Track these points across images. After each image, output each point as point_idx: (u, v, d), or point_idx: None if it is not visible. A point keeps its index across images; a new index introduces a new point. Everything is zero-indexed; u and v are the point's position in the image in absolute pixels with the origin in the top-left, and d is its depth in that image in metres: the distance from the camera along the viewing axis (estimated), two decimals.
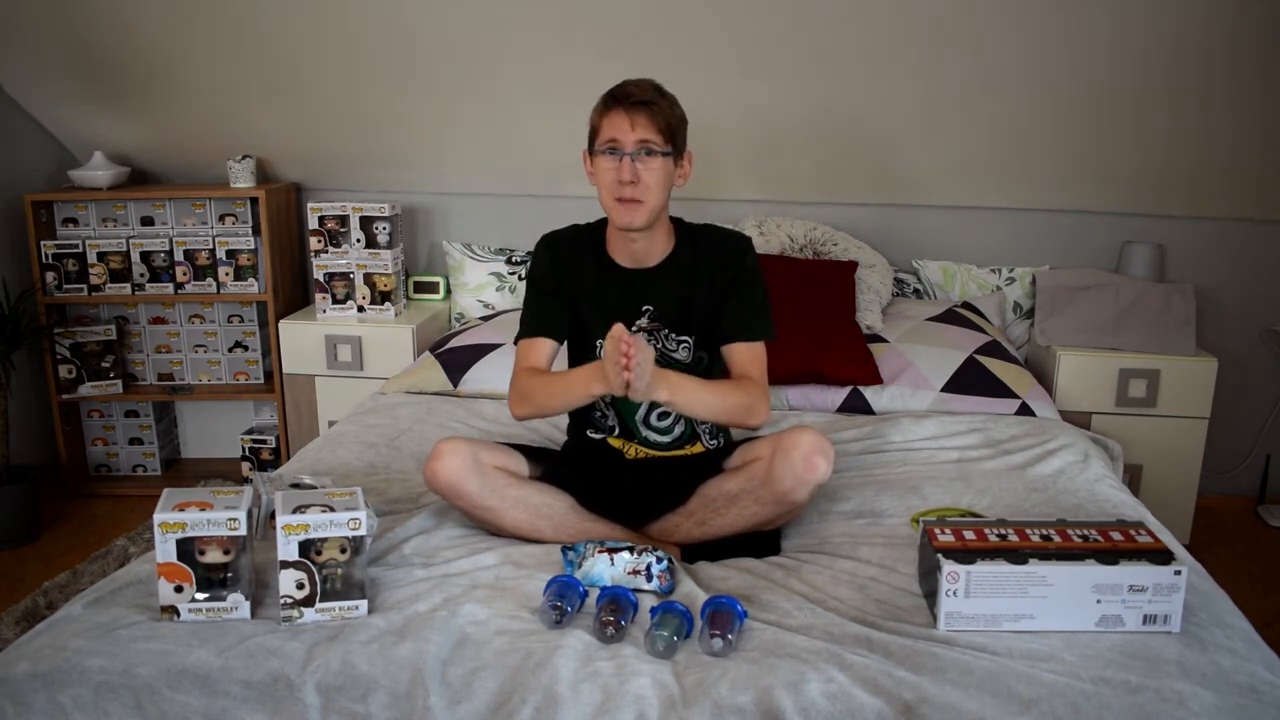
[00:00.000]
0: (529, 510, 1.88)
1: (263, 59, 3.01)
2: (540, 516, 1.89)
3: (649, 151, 1.83)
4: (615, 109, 1.84)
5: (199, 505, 1.56)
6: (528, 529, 1.89)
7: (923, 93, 2.89)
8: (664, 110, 1.84)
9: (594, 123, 1.89)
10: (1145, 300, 3.01)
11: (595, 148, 1.89)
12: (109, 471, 3.54)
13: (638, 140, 1.82)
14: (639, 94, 1.83)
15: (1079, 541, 1.59)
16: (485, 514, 1.88)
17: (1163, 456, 2.94)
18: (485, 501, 1.85)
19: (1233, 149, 2.94)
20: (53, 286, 3.24)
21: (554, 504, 1.91)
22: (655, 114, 1.82)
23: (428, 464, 1.83)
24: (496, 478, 1.87)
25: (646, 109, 1.82)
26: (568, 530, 1.90)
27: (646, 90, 1.84)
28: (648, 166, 1.83)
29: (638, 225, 1.88)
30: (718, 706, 1.38)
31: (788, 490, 1.78)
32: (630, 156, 1.83)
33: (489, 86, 3.03)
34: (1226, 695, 1.39)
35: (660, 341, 1.97)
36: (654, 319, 1.97)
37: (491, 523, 1.89)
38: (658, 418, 2.02)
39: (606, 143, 1.85)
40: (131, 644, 1.50)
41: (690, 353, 1.98)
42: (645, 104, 1.82)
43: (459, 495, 1.84)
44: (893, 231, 3.31)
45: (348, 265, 3.20)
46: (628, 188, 1.83)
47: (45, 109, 3.32)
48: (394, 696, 1.42)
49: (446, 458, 1.82)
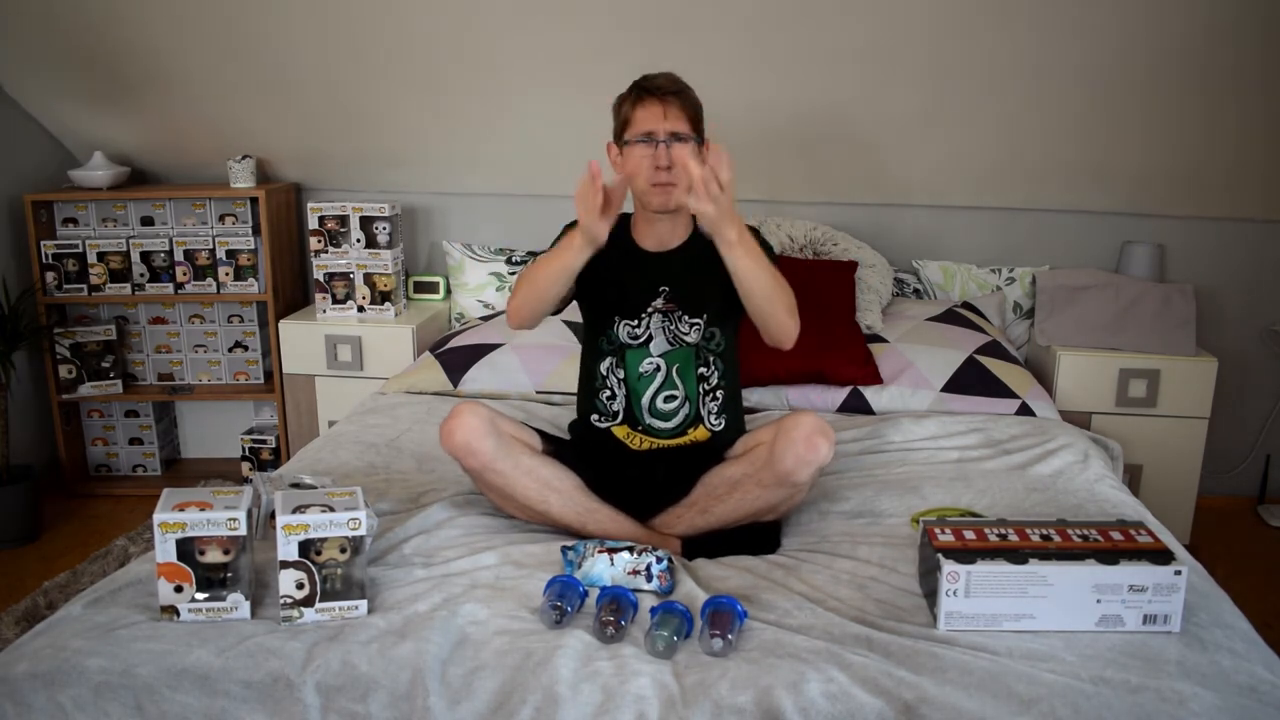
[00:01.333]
0: (539, 481, 1.91)
1: (263, 59, 3.01)
2: (550, 489, 1.92)
3: (680, 138, 1.92)
4: (648, 99, 1.94)
5: (199, 505, 1.56)
6: (536, 499, 1.91)
7: (923, 92, 2.89)
8: (690, 99, 1.96)
9: (625, 114, 1.97)
10: (1145, 300, 3.01)
11: (626, 138, 1.96)
12: (109, 471, 3.54)
13: (670, 130, 1.92)
14: (668, 85, 1.95)
15: (1079, 541, 1.59)
16: (496, 478, 1.89)
17: (1163, 456, 2.94)
18: (498, 464, 1.87)
19: (1233, 149, 2.94)
20: (53, 286, 3.24)
21: (564, 479, 1.94)
22: (685, 103, 1.94)
23: (445, 423, 1.87)
24: (511, 444, 1.91)
25: (677, 98, 1.94)
26: (575, 507, 1.92)
27: (673, 81, 1.96)
28: (682, 152, 1.91)
29: (674, 206, 1.97)
30: (718, 706, 1.38)
31: (790, 470, 1.80)
32: (665, 143, 1.91)
33: (489, 86, 3.03)
34: (1226, 695, 1.39)
35: (673, 322, 2.03)
36: (669, 299, 2.03)
37: (500, 489, 1.91)
38: (664, 400, 2.04)
39: (641, 133, 1.93)
40: (131, 644, 1.50)
41: (701, 332, 2.04)
42: (675, 93, 1.94)
43: (472, 454, 1.86)
44: (893, 231, 3.31)
45: (348, 265, 3.20)
46: (664, 173, 1.92)
47: (45, 109, 3.32)
48: (394, 696, 1.42)
49: (465, 416, 1.86)
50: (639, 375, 2.04)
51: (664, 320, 2.03)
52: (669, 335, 2.03)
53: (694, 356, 2.04)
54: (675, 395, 2.04)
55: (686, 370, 2.04)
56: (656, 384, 2.04)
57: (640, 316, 2.04)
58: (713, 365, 2.05)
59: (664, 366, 2.03)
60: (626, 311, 2.04)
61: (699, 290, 2.03)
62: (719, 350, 2.05)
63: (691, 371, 2.04)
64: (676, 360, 2.03)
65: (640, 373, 2.04)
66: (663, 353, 2.03)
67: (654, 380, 2.04)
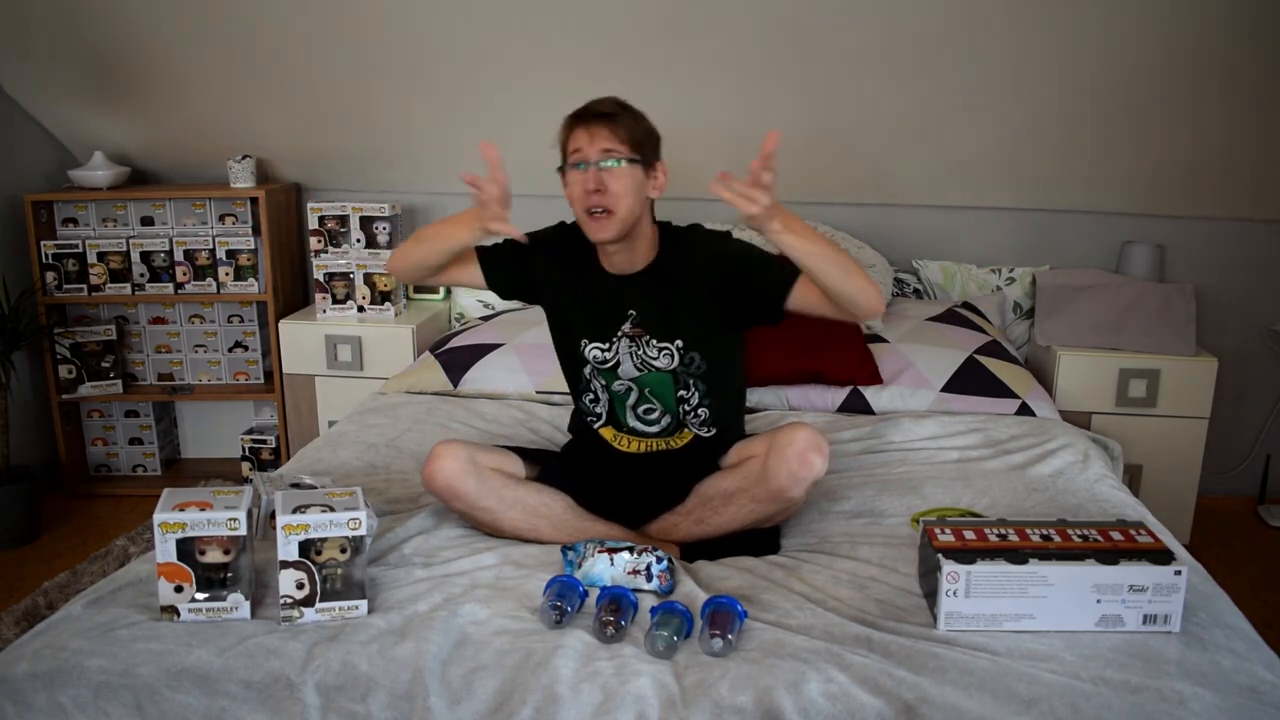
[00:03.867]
0: (527, 510, 1.89)
1: (263, 59, 3.01)
2: (539, 516, 1.90)
3: (616, 161, 1.84)
4: (577, 125, 1.88)
5: (199, 505, 1.56)
6: (526, 529, 1.90)
7: (923, 93, 2.89)
8: (625, 123, 1.86)
9: (561, 142, 1.92)
10: (1145, 300, 3.01)
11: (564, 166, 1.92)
12: (109, 471, 3.54)
13: (601, 149, 1.84)
14: (599, 108, 1.88)
15: (1079, 541, 1.59)
16: (483, 515, 1.88)
17: (1163, 456, 2.94)
18: (482, 502, 1.86)
19: (1232, 149, 2.94)
20: (53, 286, 3.24)
21: (552, 504, 1.92)
22: (616, 125, 1.85)
23: (425, 467, 1.85)
24: (493, 479, 1.88)
25: (607, 121, 1.85)
26: (566, 530, 1.90)
27: (606, 104, 1.88)
28: (614, 176, 1.84)
29: (608, 238, 1.89)
30: (718, 706, 1.37)
31: (784, 488, 1.79)
32: (595, 166, 1.84)
33: (489, 86, 3.03)
34: (1226, 695, 1.39)
35: (641, 347, 1.98)
36: (636, 324, 1.98)
37: (489, 524, 1.90)
38: (644, 412, 2.03)
39: (572, 156, 1.88)
40: (131, 644, 1.50)
41: (675, 358, 1.97)
42: (605, 116, 1.86)
43: (456, 496, 1.85)
44: (893, 231, 3.31)
45: (348, 265, 3.20)
46: (594, 196, 1.84)
47: (45, 109, 3.32)
48: (394, 696, 1.42)
49: (443, 460, 1.84)
50: (615, 391, 2.02)
51: (631, 345, 1.98)
52: (636, 361, 1.98)
53: (672, 380, 1.99)
54: (654, 410, 2.02)
55: (664, 391, 1.99)
56: (633, 400, 2.02)
57: (610, 340, 1.99)
58: (693, 387, 1.99)
59: (635, 389, 2.00)
60: (595, 336, 2.00)
61: (669, 314, 1.96)
62: (699, 373, 1.98)
63: (670, 393, 2.00)
64: (648, 384, 1.99)
65: (616, 390, 2.02)
66: (632, 378, 2.00)
67: (629, 397, 2.02)
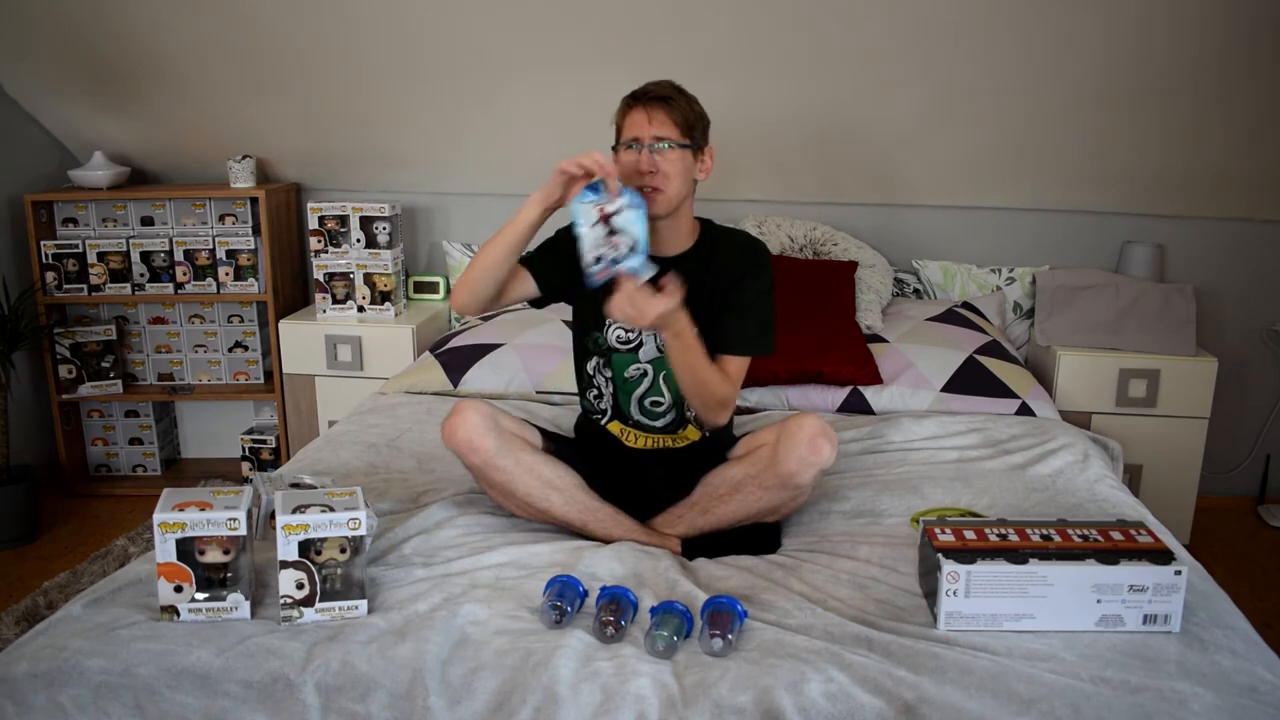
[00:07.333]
0: (540, 479, 1.91)
1: (263, 59, 3.01)
2: (551, 488, 1.92)
3: (668, 144, 1.91)
4: (635, 107, 1.94)
5: (199, 505, 1.56)
6: (538, 497, 1.91)
7: (923, 93, 2.89)
8: (680, 107, 1.94)
9: (617, 122, 1.99)
10: (1145, 300, 3.01)
11: (619, 145, 1.97)
12: (109, 471, 3.54)
13: (654, 135, 1.91)
14: (656, 91, 1.94)
15: (1079, 541, 1.59)
16: (497, 475, 1.89)
17: (1163, 456, 2.94)
18: (498, 461, 1.88)
19: (1232, 149, 2.94)
20: (53, 286, 3.24)
21: (565, 477, 1.94)
22: (671, 110, 1.92)
23: (446, 421, 1.87)
24: (513, 441, 1.92)
25: (663, 105, 1.92)
26: (577, 505, 1.92)
27: (664, 88, 1.95)
28: (665, 158, 1.91)
29: (658, 213, 1.94)
30: (718, 706, 1.38)
31: (793, 472, 1.80)
32: (649, 148, 1.91)
33: (489, 86, 3.03)
34: (1226, 695, 1.39)
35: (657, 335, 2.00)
36: None
37: (501, 486, 1.91)
38: (650, 404, 2.04)
39: (627, 139, 1.94)
40: (131, 644, 1.50)
41: None
42: (661, 100, 1.93)
43: (474, 451, 1.86)
44: (893, 231, 3.31)
45: (348, 265, 3.20)
46: (646, 176, 1.91)
47: (45, 109, 3.32)
48: (394, 696, 1.42)
49: (466, 413, 1.86)
50: (625, 379, 2.04)
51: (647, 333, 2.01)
52: (659, 341, 2.01)
53: None
54: (661, 401, 2.03)
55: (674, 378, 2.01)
56: (643, 389, 2.03)
57: None
58: None
59: (651, 373, 2.02)
60: None
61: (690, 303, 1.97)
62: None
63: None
64: (664, 368, 2.01)
65: (626, 376, 2.03)
66: (651, 359, 2.02)
67: (640, 384, 2.03)
